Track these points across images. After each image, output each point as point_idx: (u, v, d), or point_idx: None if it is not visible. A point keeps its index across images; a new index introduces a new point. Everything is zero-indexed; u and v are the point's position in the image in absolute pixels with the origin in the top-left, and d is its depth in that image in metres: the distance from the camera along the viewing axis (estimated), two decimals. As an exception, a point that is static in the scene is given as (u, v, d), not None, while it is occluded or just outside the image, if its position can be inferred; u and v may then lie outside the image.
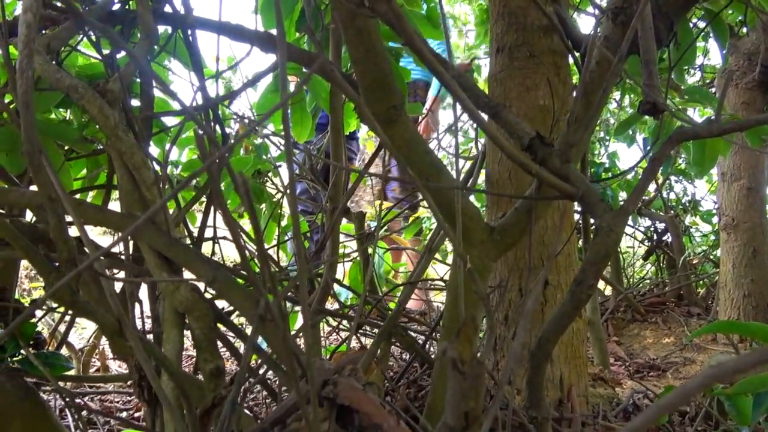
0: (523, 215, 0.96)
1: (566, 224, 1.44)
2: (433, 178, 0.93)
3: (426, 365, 1.46)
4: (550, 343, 0.69)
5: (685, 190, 3.97)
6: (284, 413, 0.57)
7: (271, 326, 0.71)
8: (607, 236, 0.64)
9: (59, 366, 1.15)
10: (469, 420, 0.31)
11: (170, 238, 0.70)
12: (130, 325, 0.54)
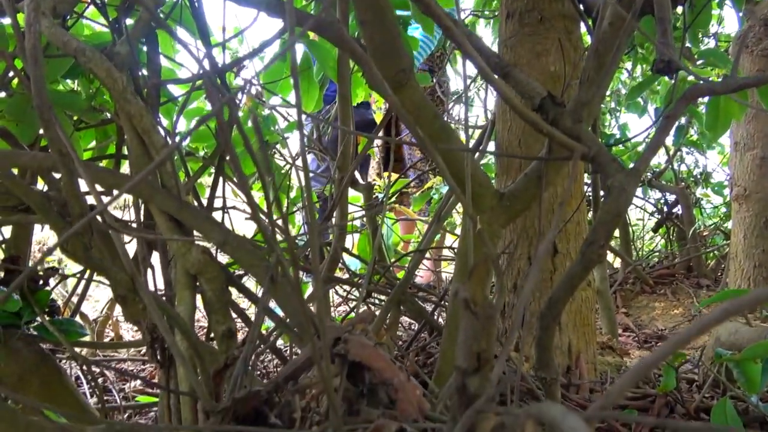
0: (533, 181, 0.96)
1: (576, 191, 1.43)
2: (442, 143, 0.92)
3: (435, 333, 1.47)
4: (559, 304, 0.69)
5: (697, 162, 3.93)
6: (296, 370, 0.58)
7: (282, 288, 0.72)
8: (619, 196, 0.64)
9: (74, 332, 1.17)
10: (481, 362, 0.32)
11: (180, 201, 0.70)
12: (142, 283, 0.55)
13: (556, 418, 0.24)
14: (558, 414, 0.24)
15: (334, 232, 1.36)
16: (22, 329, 1.13)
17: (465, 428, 0.33)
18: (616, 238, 3.45)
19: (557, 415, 0.24)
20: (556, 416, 0.24)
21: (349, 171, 1.19)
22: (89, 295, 3.33)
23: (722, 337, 1.50)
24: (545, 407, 0.26)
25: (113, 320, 2.17)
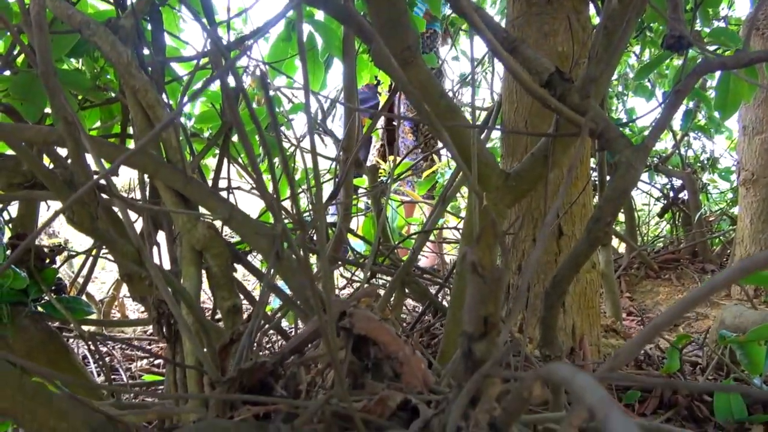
0: (539, 161, 0.95)
1: (582, 174, 1.42)
2: (448, 122, 0.91)
3: (439, 314, 1.47)
4: (564, 282, 0.69)
5: (704, 147, 3.89)
6: (301, 342, 0.58)
7: (288, 264, 0.72)
8: (626, 172, 0.63)
9: (80, 310, 1.17)
10: (488, 326, 0.31)
11: (186, 175, 0.70)
12: (148, 254, 0.55)
13: (566, 376, 0.24)
14: (568, 373, 0.24)
15: (339, 212, 1.36)
16: (29, 307, 1.14)
17: (471, 393, 0.33)
18: (621, 223, 3.44)
19: (567, 374, 0.24)
20: (566, 375, 0.24)
21: (353, 150, 1.18)
22: (95, 277, 3.36)
23: (727, 320, 1.50)
24: (553, 368, 0.26)
25: (119, 301, 2.18)
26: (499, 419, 0.33)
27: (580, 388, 0.23)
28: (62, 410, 0.38)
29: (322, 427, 0.48)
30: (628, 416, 0.21)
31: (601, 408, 0.20)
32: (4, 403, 0.35)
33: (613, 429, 0.19)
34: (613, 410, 0.20)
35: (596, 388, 0.22)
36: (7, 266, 0.35)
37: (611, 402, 0.21)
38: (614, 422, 0.19)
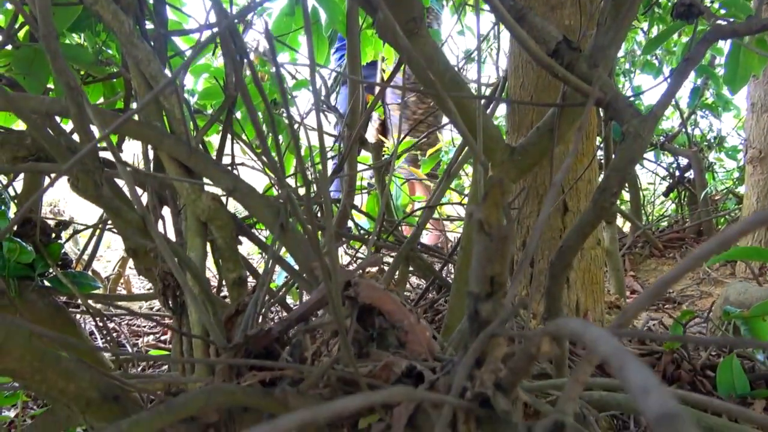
0: (545, 135, 0.94)
1: (587, 149, 1.41)
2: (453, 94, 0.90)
3: (443, 291, 1.48)
4: (569, 253, 0.69)
5: (711, 126, 3.86)
6: (307, 311, 0.58)
7: (292, 235, 0.72)
8: (634, 141, 0.63)
9: (86, 285, 1.18)
10: (494, 286, 0.31)
11: (190, 146, 0.70)
12: (153, 223, 0.55)
13: (576, 330, 0.24)
14: (578, 326, 0.24)
15: (343, 189, 1.36)
16: (36, 281, 1.15)
17: (476, 353, 0.33)
18: (626, 202, 3.42)
19: (578, 328, 0.24)
20: (576, 328, 0.24)
21: (357, 126, 1.17)
22: (101, 255, 3.38)
23: (731, 297, 1.50)
24: (562, 322, 0.25)
25: (125, 278, 2.20)
26: (504, 379, 0.33)
27: (592, 340, 0.22)
28: (70, 372, 0.38)
29: (327, 392, 0.48)
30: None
31: (616, 357, 0.20)
32: (12, 364, 0.35)
33: (631, 377, 0.19)
34: (629, 359, 0.20)
35: (609, 339, 0.21)
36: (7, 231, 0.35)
37: (626, 351, 0.21)
38: (631, 370, 0.19)
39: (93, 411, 0.40)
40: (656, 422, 0.18)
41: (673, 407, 0.17)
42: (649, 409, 0.18)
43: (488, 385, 0.33)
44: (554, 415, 0.28)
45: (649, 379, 0.19)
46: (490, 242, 0.29)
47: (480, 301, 0.32)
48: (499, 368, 0.34)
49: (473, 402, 0.33)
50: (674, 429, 0.17)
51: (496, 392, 0.32)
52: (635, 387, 0.19)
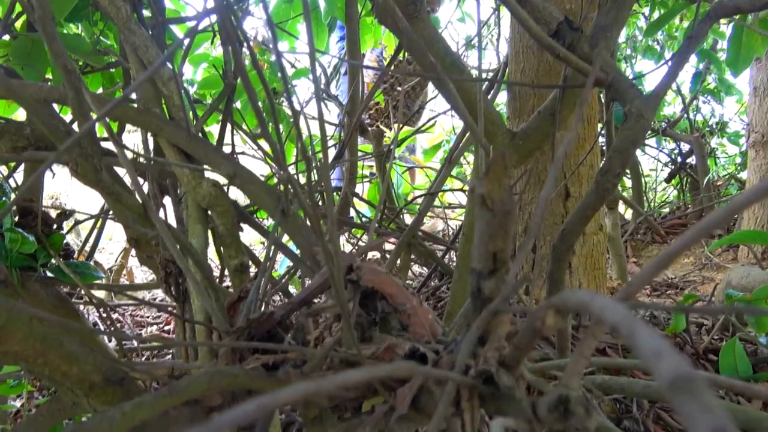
0: (546, 120, 0.94)
1: (589, 134, 1.41)
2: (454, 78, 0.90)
3: (444, 278, 1.48)
4: (572, 236, 0.69)
5: (713, 111, 3.84)
6: (309, 295, 0.58)
7: (294, 221, 0.72)
8: (636, 122, 0.62)
9: (89, 275, 1.18)
10: (497, 263, 0.31)
11: (189, 132, 0.69)
12: (153, 208, 0.54)
13: (583, 300, 0.23)
14: (585, 296, 0.23)
15: (344, 176, 1.36)
16: (39, 272, 1.15)
17: (480, 330, 0.33)
18: (628, 188, 3.41)
19: (584, 298, 0.23)
20: (582, 299, 0.23)
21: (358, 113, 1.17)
22: (103, 247, 3.38)
23: (734, 281, 1.49)
24: (568, 294, 0.25)
25: (128, 269, 2.20)
26: (508, 357, 0.33)
27: (600, 308, 0.22)
28: (73, 355, 0.38)
29: (331, 374, 0.48)
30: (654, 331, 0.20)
31: (626, 324, 0.20)
32: (14, 346, 0.35)
33: (642, 343, 0.19)
34: (638, 325, 0.19)
35: (618, 307, 0.21)
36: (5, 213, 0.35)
37: (635, 318, 0.20)
38: (642, 336, 0.19)
39: (96, 394, 0.40)
40: (670, 386, 0.17)
41: (687, 370, 0.17)
42: (662, 373, 0.18)
43: (492, 362, 0.33)
44: (559, 390, 0.27)
45: (661, 343, 0.19)
46: (493, 218, 0.29)
47: (483, 278, 0.32)
48: (503, 346, 0.34)
49: (477, 379, 0.33)
50: (689, 391, 0.17)
51: (499, 369, 0.32)
52: (647, 352, 0.18)
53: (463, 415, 0.34)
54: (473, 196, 0.29)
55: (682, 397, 0.17)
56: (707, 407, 0.17)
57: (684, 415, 0.17)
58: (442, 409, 0.31)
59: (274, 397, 0.19)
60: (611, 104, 1.62)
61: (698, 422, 0.16)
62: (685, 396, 0.17)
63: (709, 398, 0.17)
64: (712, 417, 0.16)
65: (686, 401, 0.17)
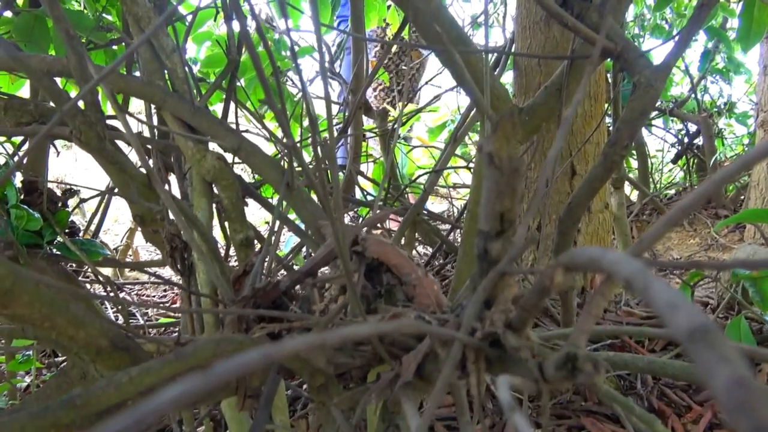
0: (553, 95, 0.93)
1: (596, 111, 1.39)
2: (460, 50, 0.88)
3: (449, 257, 1.48)
4: (579, 209, 0.68)
5: (722, 91, 3.79)
6: (315, 265, 0.58)
7: (298, 194, 0.71)
8: (646, 93, 0.61)
9: (94, 252, 1.19)
10: (504, 224, 0.31)
11: (194, 105, 0.69)
12: (157, 177, 0.54)
13: (594, 256, 0.23)
14: (596, 252, 0.23)
15: (349, 155, 1.35)
16: (45, 249, 1.15)
17: (486, 291, 0.33)
18: (634, 169, 3.39)
19: (595, 254, 0.23)
20: (593, 255, 0.23)
21: (362, 89, 1.16)
22: (108, 228, 3.40)
23: (741, 257, 1.49)
24: (578, 251, 0.25)
25: (134, 250, 2.21)
26: (515, 319, 0.33)
27: (611, 263, 0.22)
28: (79, 319, 0.38)
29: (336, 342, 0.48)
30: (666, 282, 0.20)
31: (640, 277, 0.19)
32: (21, 309, 0.35)
33: (657, 296, 0.18)
34: (652, 278, 0.19)
35: (630, 261, 0.21)
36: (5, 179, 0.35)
37: (649, 271, 0.20)
38: (656, 289, 0.19)
39: (103, 359, 0.40)
40: (687, 338, 0.17)
41: (703, 321, 0.17)
42: (678, 326, 0.17)
43: (498, 324, 0.33)
44: (566, 348, 0.27)
45: (676, 295, 0.18)
46: (501, 176, 0.28)
47: (489, 239, 0.32)
48: (509, 309, 0.34)
49: (483, 342, 0.33)
50: (707, 342, 0.16)
51: (506, 331, 0.32)
52: (662, 304, 0.18)
53: (469, 377, 0.34)
54: (481, 155, 0.29)
55: (699, 348, 0.17)
56: (725, 357, 0.16)
57: (701, 366, 0.17)
58: (448, 370, 0.31)
59: (279, 347, 0.19)
60: (618, 82, 1.60)
61: (716, 373, 0.16)
62: (703, 347, 0.17)
63: (726, 349, 0.17)
64: (731, 367, 0.16)
65: (703, 352, 0.17)
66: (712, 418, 1.10)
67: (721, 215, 2.88)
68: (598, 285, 0.27)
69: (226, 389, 0.47)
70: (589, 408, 1.13)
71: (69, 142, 1.03)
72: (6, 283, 0.34)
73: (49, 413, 0.33)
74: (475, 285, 0.35)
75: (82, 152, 1.97)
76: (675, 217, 0.26)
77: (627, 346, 1.26)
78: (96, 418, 0.38)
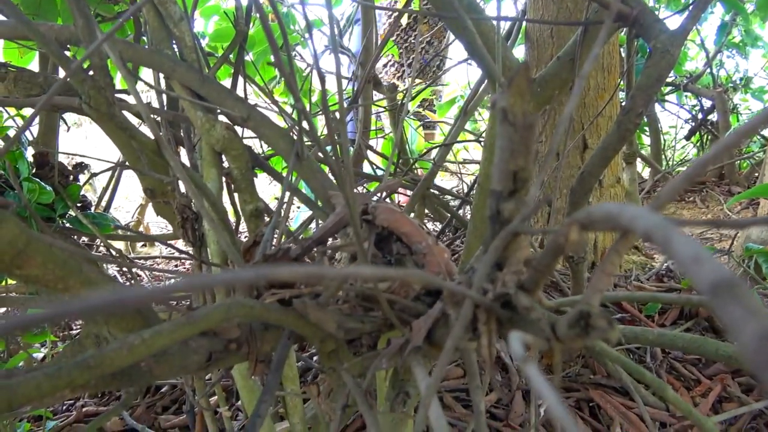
0: (566, 65, 0.91)
1: (609, 83, 1.37)
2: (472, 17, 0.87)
3: (459, 231, 1.47)
4: (591, 178, 0.67)
5: (737, 66, 3.72)
6: (325, 233, 0.58)
7: (308, 164, 0.71)
8: (662, 58, 0.60)
9: (106, 225, 1.20)
10: (517, 182, 0.30)
11: (202, 74, 0.68)
12: (166, 143, 0.54)
13: (611, 211, 0.23)
14: (613, 208, 0.23)
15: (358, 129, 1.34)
16: (57, 222, 1.16)
17: (498, 251, 0.32)
18: (646, 146, 3.35)
19: (613, 209, 0.23)
20: (611, 210, 0.23)
21: (370, 62, 1.14)
22: (119, 205, 3.42)
23: (753, 235, 1.47)
24: (594, 207, 0.24)
25: (145, 226, 2.23)
26: (527, 280, 0.33)
27: (630, 218, 0.21)
28: (92, 280, 0.38)
29: (346, 308, 0.48)
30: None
31: (661, 231, 0.19)
32: (35, 270, 0.36)
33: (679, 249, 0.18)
34: (674, 231, 0.18)
35: (651, 215, 0.20)
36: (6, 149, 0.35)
37: (670, 225, 0.19)
38: (679, 242, 0.18)
39: (116, 321, 0.41)
40: (712, 291, 0.16)
41: (728, 274, 0.16)
42: (703, 279, 0.17)
43: (510, 285, 0.32)
44: (579, 306, 0.27)
45: (699, 249, 0.18)
46: (515, 132, 0.28)
47: (502, 199, 0.31)
48: (521, 270, 0.34)
49: (495, 302, 0.33)
50: (733, 296, 0.16)
51: (518, 291, 0.32)
52: (685, 258, 0.17)
53: (480, 338, 0.34)
54: (494, 110, 0.28)
55: (724, 301, 0.16)
56: (751, 311, 0.16)
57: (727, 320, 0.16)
58: (458, 329, 0.31)
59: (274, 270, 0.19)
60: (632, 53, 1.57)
61: (742, 327, 0.16)
62: (728, 300, 0.16)
63: (752, 302, 0.16)
64: (757, 321, 0.16)
65: (729, 306, 0.16)
66: (721, 391, 1.10)
67: (734, 192, 2.84)
68: (615, 242, 0.26)
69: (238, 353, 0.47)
70: (598, 381, 1.13)
71: (79, 114, 1.03)
72: (19, 244, 0.34)
73: (63, 373, 0.34)
74: (487, 248, 0.35)
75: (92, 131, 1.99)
76: (695, 171, 0.26)
77: (637, 320, 1.26)
78: (110, 378, 0.39)
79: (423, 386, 0.38)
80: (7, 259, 0.34)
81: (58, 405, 1.25)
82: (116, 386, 0.40)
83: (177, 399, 1.22)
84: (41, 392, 0.32)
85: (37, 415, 1.18)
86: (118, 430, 1.11)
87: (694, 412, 0.53)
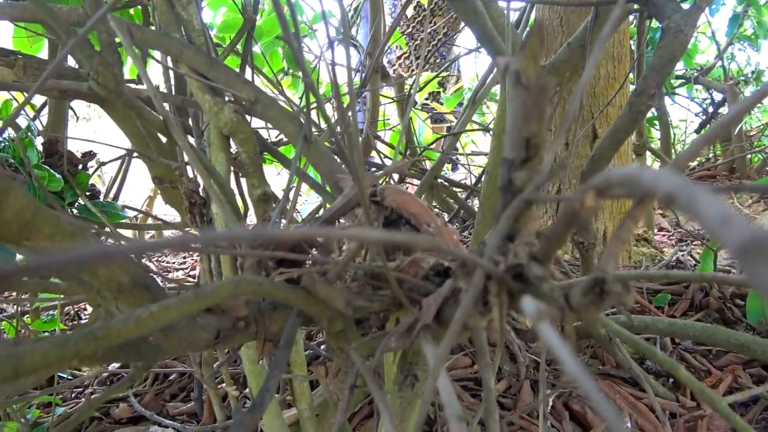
0: (576, 51, 0.90)
1: (619, 73, 1.35)
2: (480, 4, 0.86)
3: (467, 222, 1.47)
4: (603, 160, 0.67)
5: (749, 59, 3.68)
6: (333, 214, 0.57)
7: (316, 147, 0.71)
8: (675, 38, 0.59)
9: (114, 214, 1.20)
10: (530, 150, 0.30)
11: (210, 57, 0.68)
12: (174, 123, 0.54)
13: (630, 173, 0.22)
14: (633, 170, 0.22)
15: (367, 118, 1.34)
16: (66, 211, 1.16)
17: (510, 221, 0.32)
18: (656, 140, 3.32)
19: (633, 171, 0.22)
20: (631, 173, 0.22)
21: (377, 51, 1.14)
22: (129, 199, 3.43)
23: (766, 225, 1.46)
24: (612, 171, 0.24)
25: (153, 218, 2.23)
26: (540, 251, 0.32)
27: (651, 179, 0.21)
28: (100, 254, 0.38)
29: (355, 286, 0.48)
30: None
31: (685, 192, 0.18)
32: (43, 241, 0.36)
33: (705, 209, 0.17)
34: (699, 191, 0.18)
35: (673, 176, 0.20)
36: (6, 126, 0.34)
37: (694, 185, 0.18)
38: (704, 203, 0.17)
39: (125, 297, 0.41)
40: (742, 251, 0.16)
41: (759, 234, 0.16)
42: (732, 240, 0.16)
43: (522, 256, 0.32)
44: (594, 273, 0.26)
45: (726, 209, 0.17)
46: (528, 96, 0.27)
47: (514, 168, 0.31)
48: (533, 242, 0.33)
49: (506, 273, 0.32)
50: (764, 257, 0.15)
51: (530, 261, 0.31)
52: (713, 219, 0.17)
53: (492, 311, 0.33)
54: (507, 74, 0.27)
55: (755, 263, 0.16)
56: None
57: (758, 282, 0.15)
58: (469, 300, 0.30)
59: (274, 232, 0.18)
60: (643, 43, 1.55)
61: None
62: (759, 261, 0.16)
63: None
64: None
65: (760, 267, 0.16)
66: (732, 382, 1.09)
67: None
68: (631, 208, 0.26)
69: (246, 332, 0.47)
70: (607, 371, 1.13)
71: (87, 101, 1.03)
72: (27, 214, 0.34)
73: (70, 342, 0.34)
74: (498, 219, 0.34)
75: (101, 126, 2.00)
76: (714, 134, 0.25)
77: (647, 311, 1.25)
78: (118, 350, 0.39)
79: (432, 361, 0.38)
80: (15, 229, 0.33)
81: (67, 392, 1.26)
82: (124, 359, 0.40)
83: (185, 387, 1.22)
84: (47, 361, 0.31)
85: (46, 402, 1.19)
86: (127, 416, 1.11)
87: (706, 391, 0.53)
